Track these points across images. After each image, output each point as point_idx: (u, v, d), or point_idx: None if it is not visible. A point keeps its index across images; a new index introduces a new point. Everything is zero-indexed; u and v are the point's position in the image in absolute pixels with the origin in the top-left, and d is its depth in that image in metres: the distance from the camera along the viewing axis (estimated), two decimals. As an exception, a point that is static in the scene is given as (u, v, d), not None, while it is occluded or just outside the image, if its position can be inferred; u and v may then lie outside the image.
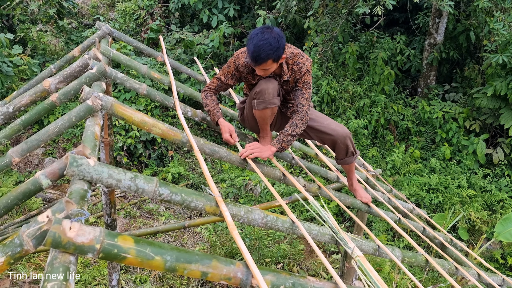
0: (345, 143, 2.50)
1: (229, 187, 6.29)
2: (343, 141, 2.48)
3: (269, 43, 2.04)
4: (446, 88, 7.45)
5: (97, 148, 1.58)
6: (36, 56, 7.24)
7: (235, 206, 1.57)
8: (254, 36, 2.07)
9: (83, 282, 4.17)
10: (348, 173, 2.77)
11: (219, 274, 1.18)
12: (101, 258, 1.02)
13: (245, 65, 2.34)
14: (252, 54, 2.07)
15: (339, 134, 2.46)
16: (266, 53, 2.05)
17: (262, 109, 2.32)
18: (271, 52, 2.06)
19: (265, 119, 2.44)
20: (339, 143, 2.49)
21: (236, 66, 2.37)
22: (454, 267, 2.38)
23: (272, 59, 2.10)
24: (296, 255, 5.01)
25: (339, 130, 2.46)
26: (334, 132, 2.46)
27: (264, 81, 2.32)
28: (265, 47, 2.04)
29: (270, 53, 2.06)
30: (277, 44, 2.07)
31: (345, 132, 2.47)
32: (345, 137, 2.47)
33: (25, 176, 5.92)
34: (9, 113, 2.19)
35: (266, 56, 2.06)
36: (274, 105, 2.34)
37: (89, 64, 2.25)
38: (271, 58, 2.08)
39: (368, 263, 1.58)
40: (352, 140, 2.52)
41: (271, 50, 2.05)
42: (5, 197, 1.36)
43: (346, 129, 2.48)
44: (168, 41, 7.86)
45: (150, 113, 6.79)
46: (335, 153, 2.58)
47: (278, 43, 2.07)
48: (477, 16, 6.69)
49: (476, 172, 6.36)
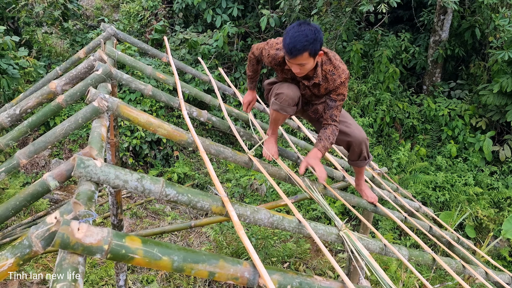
0: (360, 147, 2.48)
1: (234, 186, 6.30)
2: (358, 145, 2.46)
3: (305, 35, 1.99)
4: (452, 85, 7.40)
5: (104, 149, 1.59)
6: (42, 58, 7.28)
7: (241, 206, 1.57)
8: (290, 29, 2.03)
9: (91, 282, 4.19)
10: (357, 174, 2.76)
11: (226, 274, 1.19)
12: (109, 258, 1.03)
13: (274, 57, 2.33)
14: (288, 46, 2.01)
15: (355, 138, 2.44)
16: (302, 44, 1.99)
17: (275, 110, 2.34)
18: (307, 43, 1.99)
19: (276, 120, 2.45)
20: (354, 146, 2.47)
21: (266, 53, 2.37)
22: (462, 265, 2.36)
23: (309, 51, 2.02)
24: (302, 254, 5.01)
25: (356, 133, 2.44)
26: (352, 135, 2.44)
27: (288, 86, 2.31)
28: (301, 38, 1.98)
29: (306, 44, 1.99)
30: (314, 36, 2.00)
31: (362, 137, 2.45)
32: (361, 142, 2.45)
33: (32, 177, 5.96)
34: (16, 115, 2.21)
35: (302, 47, 2.00)
36: (286, 114, 2.34)
37: (94, 65, 2.26)
38: (307, 50, 2.01)
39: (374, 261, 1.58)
40: (367, 145, 2.50)
41: (307, 41, 1.99)
42: (13, 198, 1.37)
43: (363, 134, 2.46)
44: (172, 41, 7.88)
45: (155, 114, 6.81)
46: (349, 153, 2.58)
47: (315, 35, 2.01)
48: (482, 12, 6.64)
49: (482, 169, 6.32)
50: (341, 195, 2.51)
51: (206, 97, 3.13)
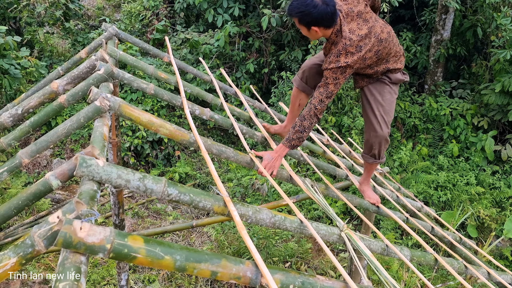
0: (370, 142, 2.48)
1: (236, 186, 6.30)
2: (370, 139, 2.46)
3: (298, 3, 2.06)
4: (454, 84, 7.39)
5: (106, 149, 1.59)
6: (43, 58, 7.29)
7: (243, 206, 1.57)
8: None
9: (92, 282, 4.20)
10: (364, 172, 2.76)
11: (228, 274, 1.18)
12: (111, 258, 1.03)
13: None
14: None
15: (374, 129, 2.42)
16: (292, 10, 2.08)
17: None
18: (296, 11, 2.07)
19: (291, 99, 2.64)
20: (367, 138, 2.49)
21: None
22: (463, 265, 2.36)
23: (298, 19, 2.10)
24: (304, 253, 5.01)
25: (376, 127, 2.41)
26: (373, 125, 2.43)
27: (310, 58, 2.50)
28: (296, 4, 2.06)
29: (296, 11, 2.07)
30: (304, 8, 2.04)
31: (380, 133, 2.41)
32: (377, 137, 2.43)
33: (34, 177, 5.97)
34: (18, 115, 2.21)
35: (292, 12, 2.09)
36: (293, 84, 2.50)
37: (96, 65, 2.26)
38: (297, 17, 2.09)
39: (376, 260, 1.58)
40: (381, 145, 2.46)
41: (298, 9, 2.06)
42: (15, 198, 1.37)
43: (385, 131, 2.41)
44: (174, 41, 7.88)
45: (157, 114, 6.81)
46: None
47: (306, 8, 2.04)
48: (484, 11, 6.62)
49: (484, 169, 6.31)
50: (343, 195, 2.50)
51: (208, 96, 3.12)
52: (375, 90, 2.41)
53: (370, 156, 2.55)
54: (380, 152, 2.50)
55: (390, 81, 2.43)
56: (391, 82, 2.43)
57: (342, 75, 2.17)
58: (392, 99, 2.43)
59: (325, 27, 2.11)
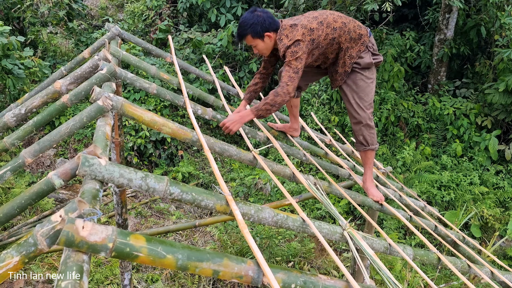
0: (354, 130, 2.62)
1: (239, 185, 6.30)
2: (353, 127, 2.61)
3: (243, 23, 2.29)
4: (457, 84, 7.36)
5: (108, 148, 1.59)
6: (47, 58, 7.32)
7: (245, 205, 1.57)
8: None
9: (96, 281, 4.21)
10: (363, 165, 2.80)
11: (230, 273, 1.18)
12: (113, 256, 1.03)
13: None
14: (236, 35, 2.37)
15: (351, 118, 2.59)
16: (240, 32, 2.33)
17: None
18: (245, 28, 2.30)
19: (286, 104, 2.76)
20: (352, 128, 2.62)
21: None
22: (467, 265, 2.35)
23: (251, 34, 2.31)
24: (307, 253, 5.00)
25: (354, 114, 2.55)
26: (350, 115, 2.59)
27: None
28: (241, 26, 2.31)
29: (245, 28, 2.30)
30: (252, 21, 2.27)
31: (356, 119, 2.55)
32: (355, 124, 2.58)
33: (37, 176, 5.99)
34: (22, 115, 2.22)
35: (241, 33, 2.33)
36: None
37: (99, 65, 2.27)
38: (249, 33, 2.31)
39: (379, 260, 1.57)
40: (363, 130, 2.57)
41: (244, 26, 2.30)
42: (18, 197, 1.38)
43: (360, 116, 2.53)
44: (177, 41, 7.89)
45: (159, 113, 6.82)
46: None
47: (254, 19, 2.26)
48: (488, 10, 6.59)
49: (488, 168, 6.28)
50: (346, 193, 2.50)
51: (210, 98, 3.13)
52: (350, 82, 2.54)
53: (360, 144, 2.65)
54: (365, 138, 2.59)
55: (360, 68, 2.52)
56: (361, 68, 2.52)
57: (299, 48, 2.29)
58: (365, 84, 2.53)
59: (274, 30, 2.33)
